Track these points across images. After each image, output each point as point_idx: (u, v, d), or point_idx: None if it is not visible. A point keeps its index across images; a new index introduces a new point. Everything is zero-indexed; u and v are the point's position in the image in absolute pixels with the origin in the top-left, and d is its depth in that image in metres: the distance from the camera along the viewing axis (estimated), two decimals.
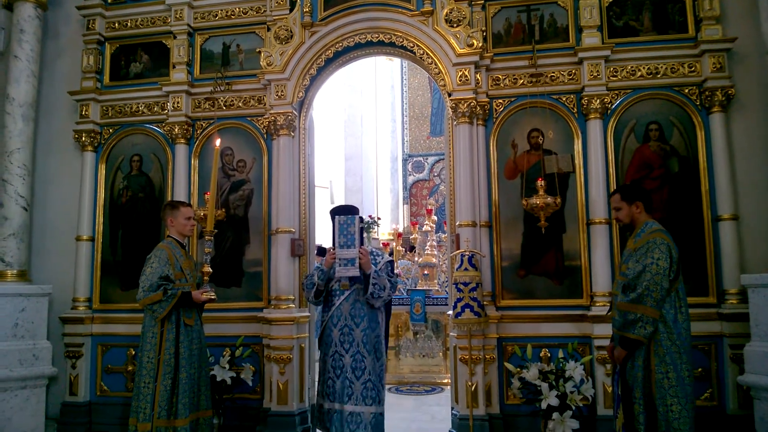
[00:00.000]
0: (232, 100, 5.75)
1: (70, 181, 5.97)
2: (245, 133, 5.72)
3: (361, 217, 4.11)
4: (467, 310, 4.75)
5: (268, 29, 5.66)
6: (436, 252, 8.95)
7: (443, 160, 11.62)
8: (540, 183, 4.80)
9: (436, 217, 10.22)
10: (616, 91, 5.11)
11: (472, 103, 5.10)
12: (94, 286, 5.80)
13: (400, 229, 12.00)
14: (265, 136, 5.65)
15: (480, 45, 5.11)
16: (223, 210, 5.52)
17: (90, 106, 5.93)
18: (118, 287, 5.77)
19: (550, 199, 4.77)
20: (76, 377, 5.62)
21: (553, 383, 4.59)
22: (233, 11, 5.84)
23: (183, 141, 5.75)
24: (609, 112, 5.10)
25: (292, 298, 5.35)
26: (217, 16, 5.87)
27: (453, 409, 5.16)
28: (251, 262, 5.57)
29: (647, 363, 3.56)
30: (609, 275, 4.89)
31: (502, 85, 5.27)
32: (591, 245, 4.97)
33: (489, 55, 5.22)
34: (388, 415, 4.48)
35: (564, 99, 5.19)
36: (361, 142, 13.19)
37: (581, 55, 5.07)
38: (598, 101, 5.03)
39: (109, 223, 5.88)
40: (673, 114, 5.05)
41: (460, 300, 4.77)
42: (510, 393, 4.93)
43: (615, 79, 5.10)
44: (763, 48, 4.67)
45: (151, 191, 5.84)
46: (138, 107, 5.93)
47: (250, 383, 5.26)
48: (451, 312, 4.96)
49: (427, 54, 5.25)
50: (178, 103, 5.75)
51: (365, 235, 12.31)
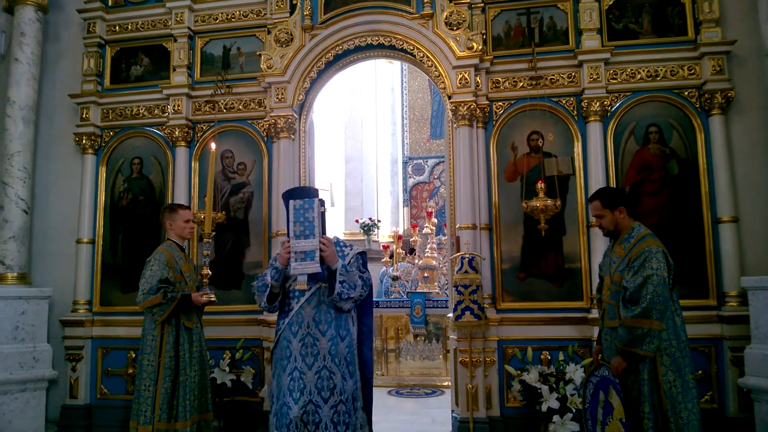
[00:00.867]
0: (233, 103, 5.76)
1: (70, 184, 5.97)
2: (245, 135, 5.72)
3: (321, 200, 3.27)
4: (467, 313, 4.75)
5: (269, 32, 5.68)
6: (436, 254, 8.95)
7: (443, 162, 11.63)
8: (540, 185, 4.80)
9: (436, 220, 10.21)
10: (616, 94, 5.11)
11: (472, 106, 5.11)
12: (95, 288, 5.80)
13: (401, 232, 12.00)
14: (265, 138, 5.66)
15: (480, 48, 5.12)
16: (224, 213, 5.53)
17: (90, 109, 5.94)
18: (118, 290, 5.77)
19: (550, 202, 4.77)
20: (76, 380, 5.62)
21: (554, 386, 4.59)
22: (233, 14, 5.85)
23: (183, 144, 5.75)
24: (609, 114, 5.10)
25: None
26: (217, 19, 5.89)
27: (453, 411, 5.15)
28: (251, 264, 5.57)
29: (653, 374, 3.39)
30: None
31: (502, 87, 5.28)
32: (591, 248, 4.98)
33: (489, 57, 5.23)
34: (389, 417, 4.48)
35: (564, 102, 5.20)
36: (361, 145, 13.18)
37: (581, 57, 5.08)
38: (598, 104, 5.03)
39: (109, 226, 5.88)
40: (673, 116, 5.05)
41: (460, 302, 4.78)
42: (510, 395, 4.92)
43: (615, 81, 5.11)
44: (762, 50, 4.68)
45: (152, 194, 5.84)
46: (138, 110, 5.94)
47: (251, 386, 5.26)
48: (451, 314, 4.96)
49: (427, 57, 5.26)
50: (178, 106, 5.76)
51: (365, 237, 12.43)
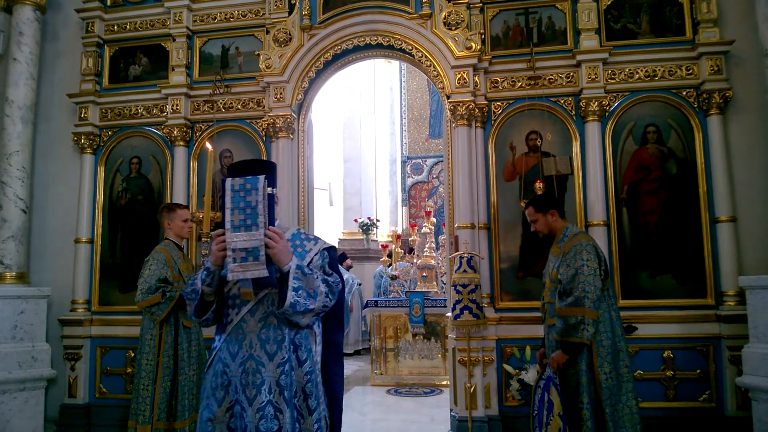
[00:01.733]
0: (231, 103, 5.76)
1: (69, 184, 5.97)
2: (244, 135, 5.72)
3: (269, 178, 2.42)
4: (466, 312, 4.76)
5: (267, 32, 5.68)
6: (435, 254, 8.96)
7: (442, 162, 11.64)
8: (538, 185, 4.81)
9: (434, 219, 10.22)
10: (614, 94, 5.12)
11: (471, 106, 5.11)
12: (93, 288, 5.80)
13: (399, 231, 12.01)
14: (264, 138, 5.66)
15: (478, 48, 5.12)
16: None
17: (89, 108, 5.93)
18: (117, 289, 5.77)
19: None
20: (75, 379, 5.62)
21: None
22: (232, 14, 5.85)
23: (182, 143, 5.75)
24: (607, 114, 5.11)
25: None
26: (216, 18, 5.88)
27: (452, 410, 5.16)
28: None
29: (591, 365, 3.55)
30: None
31: (500, 87, 5.28)
32: None
33: (487, 57, 5.24)
34: (388, 416, 4.48)
35: (562, 101, 5.21)
36: (359, 145, 13.19)
37: (579, 57, 5.09)
38: (596, 104, 5.04)
39: (108, 226, 5.88)
40: (671, 116, 5.06)
41: (458, 302, 4.78)
42: (509, 394, 4.93)
43: (613, 81, 5.11)
44: (760, 50, 4.69)
45: (150, 193, 5.84)
46: (137, 110, 5.94)
47: None
48: (450, 314, 4.97)
49: (426, 57, 5.27)
50: (177, 105, 5.76)
51: (364, 237, 12.41)
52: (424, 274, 8.58)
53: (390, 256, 10.14)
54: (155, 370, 4.20)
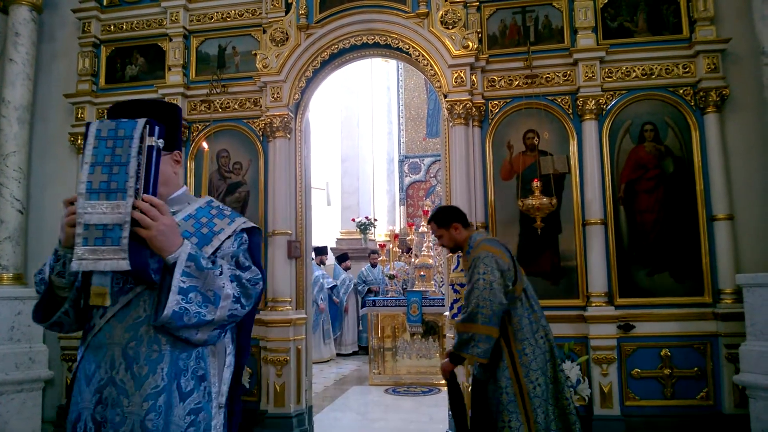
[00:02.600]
0: (228, 103, 5.75)
1: (66, 184, 5.94)
2: (241, 135, 5.71)
3: (153, 123, 1.70)
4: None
5: (264, 31, 5.67)
6: (432, 253, 8.96)
7: (439, 161, 11.64)
8: (536, 184, 4.81)
9: None
10: (611, 92, 5.12)
11: (468, 105, 5.11)
12: None
13: (397, 231, 12.01)
14: (261, 138, 5.65)
15: (475, 46, 5.12)
16: None
17: (86, 108, 5.92)
18: None
19: (545, 200, 4.78)
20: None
21: None
22: (229, 13, 5.84)
23: None
24: (604, 113, 5.11)
25: (289, 300, 5.35)
26: (212, 18, 5.87)
27: (450, 409, 5.16)
28: None
29: (517, 377, 3.41)
30: (605, 276, 4.91)
31: (497, 86, 5.28)
32: (587, 246, 4.99)
33: (484, 56, 5.24)
34: (387, 416, 4.48)
35: (559, 100, 5.21)
36: (357, 144, 13.18)
37: (576, 56, 5.09)
38: (593, 102, 5.04)
39: None
40: (668, 114, 5.07)
41: (456, 301, 4.78)
42: None
43: (610, 80, 5.12)
44: (757, 49, 4.69)
45: None
46: None
47: (247, 385, 5.26)
48: (447, 313, 4.97)
49: (423, 56, 5.26)
50: None
51: (361, 236, 12.41)
52: (422, 273, 8.59)
53: (371, 255, 10.21)
54: None
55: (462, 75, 5.13)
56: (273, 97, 5.47)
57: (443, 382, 7.18)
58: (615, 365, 4.82)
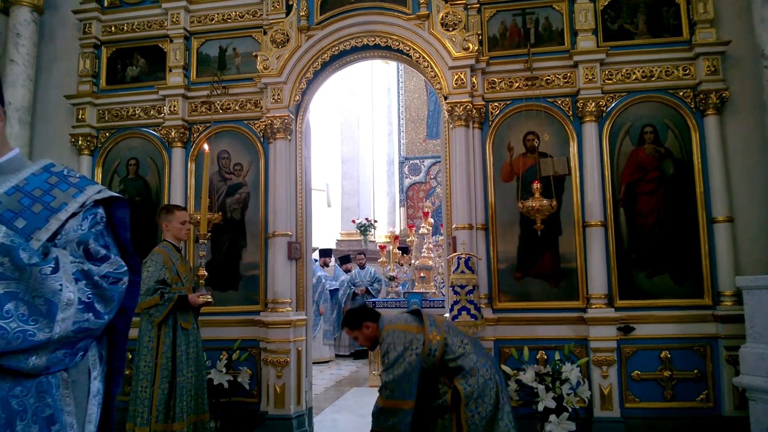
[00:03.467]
0: (229, 104, 5.76)
1: None
2: (242, 136, 5.72)
3: None
4: (464, 313, 4.75)
5: (265, 33, 5.68)
6: (432, 254, 8.96)
7: (439, 162, 11.64)
8: (536, 186, 4.81)
9: (432, 220, 10.22)
10: (611, 94, 5.13)
11: (468, 107, 5.12)
12: None
13: (397, 232, 12.01)
14: (261, 139, 5.66)
15: (476, 48, 5.13)
16: (220, 213, 5.52)
17: (86, 109, 5.93)
18: None
19: (546, 202, 4.78)
20: None
21: (550, 385, 4.60)
22: (230, 15, 5.85)
23: (179, 144, 5.75)
24: (604, 115, 5.12)
25: (289, 301, 5.35)
26: (213, 19, 5.88)
27: None
28: (248, 265, 5.57)
29: (457, 409, 3.50)
30: (605, 278, 4.92)
31: (497, 88, 5.29)
32: (587, 247, 4.99)
33: (485, 58, 5.24)
34: None
35: (559, 102, 5.22)
36: (357, 145, 13.20)
37: (576, 58, 5.10)
38: (593, 104, 5.05)
39: None
40: (668, 116, 5.08)
41: (456, 302, 4.78)
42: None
43: (610, 82, 5.12)
44: (756, 51, 4.70)
45: (148, 195, 5.84)
46: (134, 111, 5.94)
47: (247, 386, 5.26)
48: (447, 314, 4.97)
49: (423, 57, 5.27)
50: (174, 106, 5.76)
51: (362, 237, 12.39)
52: (422, 275, 8.58)
53: (357, 256, 10.21)
54: (153, 372, 4.20)
55: (462, 77, 5.14)
56: (273, 99, 5.47)
57: None
58: (615, 367, 4.82)
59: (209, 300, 4.31)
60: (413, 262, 9.40)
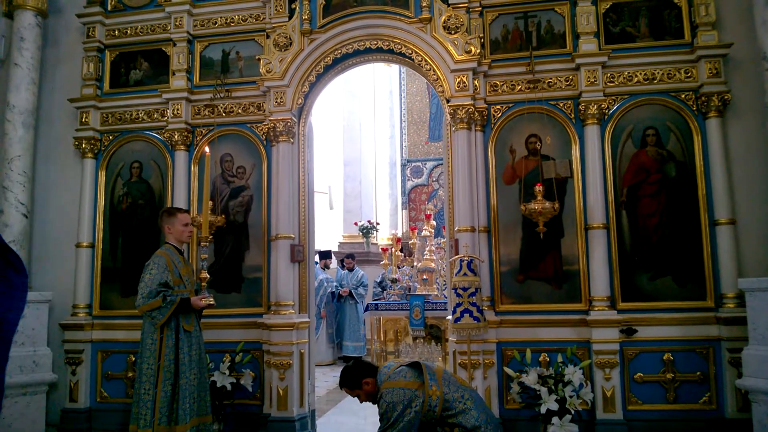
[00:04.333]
0: (232, 107, 5.78)
1: (70, 188, 5.98)
2: (245, 139, 5.74)
3: None
4: (466, 315, 4.77)
5: (268, 36, 5.70)
6: (435, 257, 8.96)
7: (442, 165, 11.64)
8: (538, 188, 4.82)
9: (434, 222, 10.22)
10: (613, 97, 5.14)
11: (470, 109, 5.13)
12: (94, 292, 5.81)
13: (399, 234, 12.01)
14: (264, 142, 5.67)
15: (478, 51, 5.14)
16: (223, 216, 5.54)
17: (90, 113, 5.95)
18: (118, 294, 5.78)
19: (548, 205, 4.79)
20: (76, 384, 5.62)
21: (553, 387, 4.60)
22: (233, 19, 5.87)
23: (183, 148, 5.77)
24: (606, 117, 5.13)
25: (292, 303, 5.36)
26: (216, 23, 5.90)
27: None
28: (251, 268, 5.58)
29: None
30: (607, 280, 4.92)
31: (499, 91, 5.30)
32: (589, 250, 4.99)
33: (487, 61, 5.26)
34: None
35: (561, 105, 5.23)
36: (359, 148, 13.20)
37: (578, 61, 5.11)
38: (596, 107, 5.06)
39: (109, 230, 5.89)
40: (670, 119, 5.08)
41: (459, 305, 4.79)
42: (509, 397, 4.93)
43: (612, 84, 5.13)
44: (758, 54, 4.70)
45: (151, 198, 5.86)
46: (138, 114, 5.96)
47: (250, 389, 5.27)
48: (450, 317, 4.98)
49: (426, 60, 5.29)
50: (177, 110, 5.78)
51: (364, 240, 12.38)
52: (425, 277, 8.59)
53: (345, 259, 10.19)
54: (156, 374, 4.20)
55: (464, 80, 5.15)
56: (276, 102, 5.49)
57: None
58: (617, 369, 4.82)
59: (211, 303, 4.34)
60: (415, 264, 9.40)
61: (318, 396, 6.60)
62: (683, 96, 5.07)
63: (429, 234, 9.33)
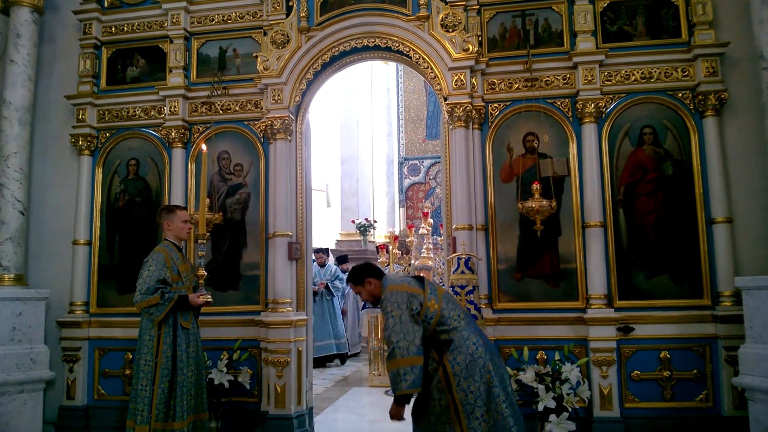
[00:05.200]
0: (229, 104, 5.77)
1: (66, 185, 5.96)
2: (242, 137, 5.73)
3: None
4: None
5: (265, 34, 5.69)
6: (432, 255, 8.96)
7: (439, 163, 11.65)
8: (536, 186, 4.82)
9: (432, 220, 10.22)
10: (611, 95, 5.15)
11: (468, 107, 5.13)
12: (91, 289, 5.79)
13: (397, 232, 12.01)
14: (261, 140, 5.67)
15: (475, 50, 5.14)
16: (221, 214, 5.53)
17: (87, 110, 5.93)
18: (115, 291, 5.77)
19: (545, 203, 4.79)
20: (73, 381, 5.61)
21: (550, 385, 4.62)
22: (230, 16, 5.86)
23: (180, 145, 5.76)
24: (603, 116, 5.14)
25: (289, 301, 5.36)
26: (213, 20, 5.89)
27: None
28: (248, 265, 5.58)
29: (449, 387, 3.50)
30: (604, 278, 4.93)
31: (497, 89, 5.30)
32: (586, 248, 5.01)
33: (484, 59, 5.26)
34: (387, 417, 4.44)
35: (559, 103, 5.23)
36: (357, 145, 13.21)
37: (576, 59, 5.11)
38: (593, 105, 5.06)
39: (106, 227, 5.88)
40: (667, 118, 5.09)
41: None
42: None
43: (609, 83, 5.14)
44: (755, 53, 4.70)
45: (148, 195, 5.85)
46: (135, 111, 5.94)
47: (248, 386, 5.27)
48: None
49: (423, 58, 5.28)
50: (174, 107, 5.76)
51: (361, 238, 12.36)
52: (422, 275, 8.57)
53: (316, 254, 10.15)
54: (154, 371, 4.21)
55: (462, 78, 5.15)
56: (274, 99, 5.48)
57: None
58: (614, 367, 4.84)
59: (209, 300, 4.34)
60: (413, 262, 9.40)
61: (316, 394, 6.60)
62: (680, 95, 5.08)
63: (426, 232, 9.33)
